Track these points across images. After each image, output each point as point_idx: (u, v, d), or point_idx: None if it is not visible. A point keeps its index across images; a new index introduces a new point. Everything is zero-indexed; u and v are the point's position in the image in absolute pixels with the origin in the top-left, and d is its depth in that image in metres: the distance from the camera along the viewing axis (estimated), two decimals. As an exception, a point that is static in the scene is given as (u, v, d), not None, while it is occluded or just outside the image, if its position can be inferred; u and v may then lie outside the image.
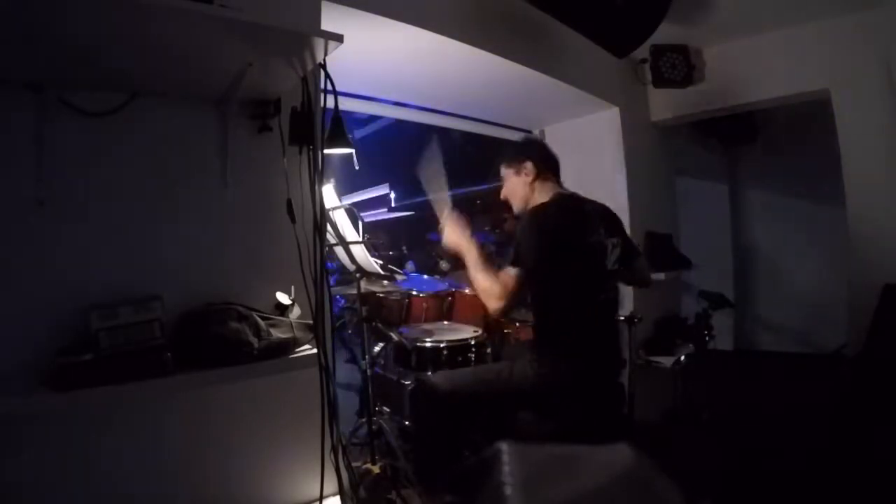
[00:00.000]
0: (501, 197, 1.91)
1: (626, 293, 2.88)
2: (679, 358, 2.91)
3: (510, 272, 1.62)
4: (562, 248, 1.61)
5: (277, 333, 1.19)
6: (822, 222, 4.20)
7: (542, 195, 1.78)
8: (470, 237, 1.76)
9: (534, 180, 1.80)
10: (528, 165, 1.80)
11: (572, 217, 1.71)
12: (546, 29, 2.30)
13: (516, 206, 1.86)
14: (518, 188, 1.83)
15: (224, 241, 1.35)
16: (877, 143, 2.59)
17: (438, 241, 1.93)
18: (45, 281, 1.08)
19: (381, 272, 1.97)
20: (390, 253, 4.72)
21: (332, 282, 1.70)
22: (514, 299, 1.62)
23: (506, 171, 1.88)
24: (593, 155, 3.07)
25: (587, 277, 1.67)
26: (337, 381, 1.26)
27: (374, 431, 1.95)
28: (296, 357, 1.20)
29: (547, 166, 1.83)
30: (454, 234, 1.77)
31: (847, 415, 2.01)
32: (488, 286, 1.64)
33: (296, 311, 1.32)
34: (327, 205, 1.77)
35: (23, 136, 1.07)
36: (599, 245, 1.70)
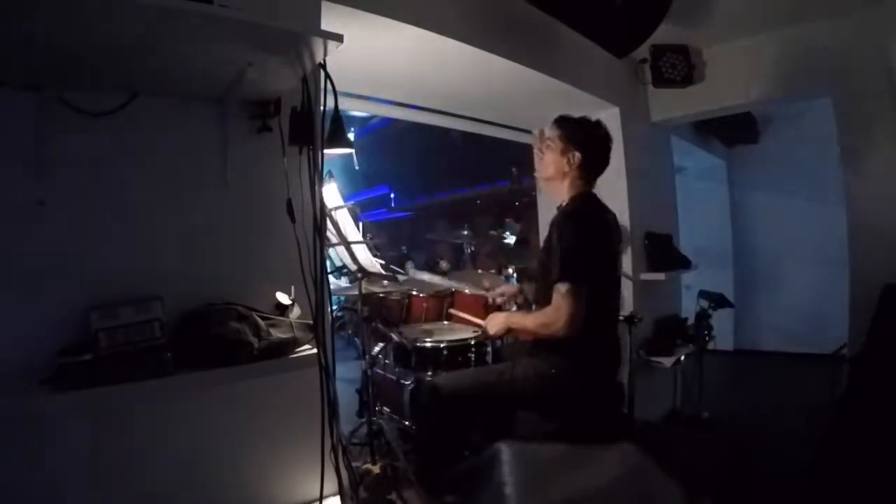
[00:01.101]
0: (536, 149, 1.81)
1: (627, 293, 2.88)
2: (679, 358, 2.91)
3: (560, 289, 1.50)
4: (596, 257, 1.58)
5: (277, 333, 1.19)
6: (822, 222, 4.21)
7: (570, 188, 1.73)
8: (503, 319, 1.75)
9: (571, 168, 1.71)
10: (576, 156, 1.69)
11: (605, 226, 1.69)
12: (546, 29, 2.30)
13: (540, 172, 1.80)
14: (554, 165, 1.74)
15: (224, 241, 1.35)
16: (877, 143, 2.59)
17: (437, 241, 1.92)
18: (46, 281, 1.08)
19: (383, 272, 1.97)
20: (390, 253, 4.73)
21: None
22: (576, 317, 1.48)
23: (556, 140, 1.74)
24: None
25: (605, 286, 1.66)
26: (340, 377, 1.26)
27: (374, 431, 1.95)
28: (296, 357, 1.20)
29: (592, 167, 1.74)
30: (496, 325, 1.75)
31: (847, 415, 2.01)
32: (541, 322, 1.58)
33: (296, 311, 1.32)
34: (330, 204, 1.77)
35: (23, 136, 1.07)
36: (616, 254, 1.74)
